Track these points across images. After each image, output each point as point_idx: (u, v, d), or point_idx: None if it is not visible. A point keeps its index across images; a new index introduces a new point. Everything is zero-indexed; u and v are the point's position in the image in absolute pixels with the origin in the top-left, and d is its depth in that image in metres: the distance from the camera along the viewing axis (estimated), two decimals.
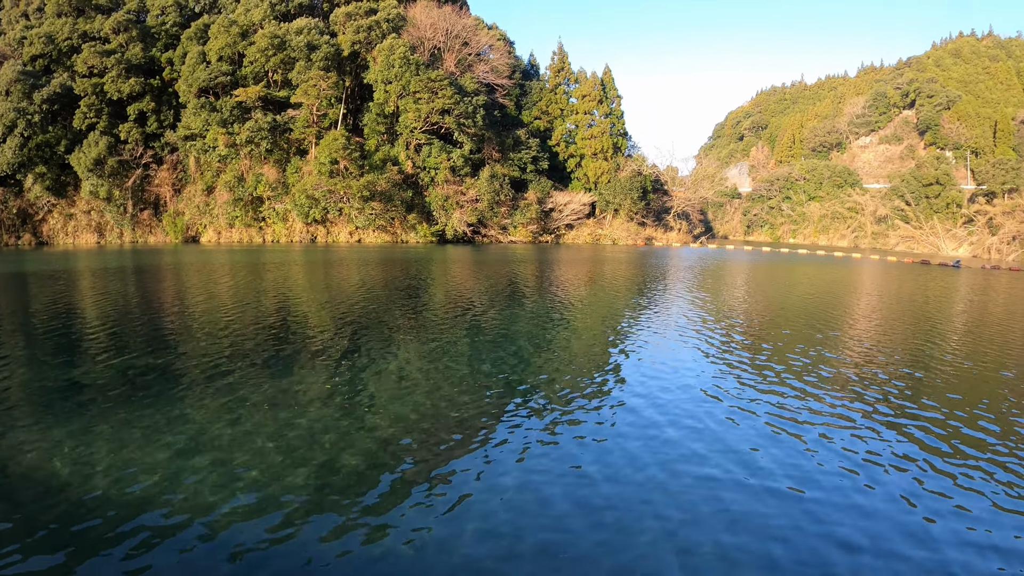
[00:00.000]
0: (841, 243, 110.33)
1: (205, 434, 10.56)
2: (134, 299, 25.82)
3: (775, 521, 8.22)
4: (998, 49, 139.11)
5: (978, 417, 12.67)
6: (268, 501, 8.38)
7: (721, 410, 12.69)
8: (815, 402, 13.37)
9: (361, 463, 9.66)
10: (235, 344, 17.06)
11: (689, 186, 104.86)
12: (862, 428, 11.81)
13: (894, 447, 10.86)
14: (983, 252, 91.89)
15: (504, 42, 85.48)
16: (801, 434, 11.39)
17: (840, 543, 7.74)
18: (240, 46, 68.44)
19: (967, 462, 10.34)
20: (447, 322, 21.50)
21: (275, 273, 36.16)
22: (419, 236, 69.69)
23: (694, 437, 11.13)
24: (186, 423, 11.03)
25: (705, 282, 39.30)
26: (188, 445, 10.08)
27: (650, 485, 9.16)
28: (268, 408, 11.96)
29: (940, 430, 11.83)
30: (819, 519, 8.34)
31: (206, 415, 11.48)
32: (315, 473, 9.25)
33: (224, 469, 9.28)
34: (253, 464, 9.47)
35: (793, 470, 9.83)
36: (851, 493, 9.14)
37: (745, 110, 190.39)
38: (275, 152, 67.26)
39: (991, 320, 28.14)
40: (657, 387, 14.22)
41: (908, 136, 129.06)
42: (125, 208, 64.70)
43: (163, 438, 10.32)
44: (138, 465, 9.31)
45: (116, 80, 64.48)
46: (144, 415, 11.37)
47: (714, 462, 10.04)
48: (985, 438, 11.50)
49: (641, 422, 11.83)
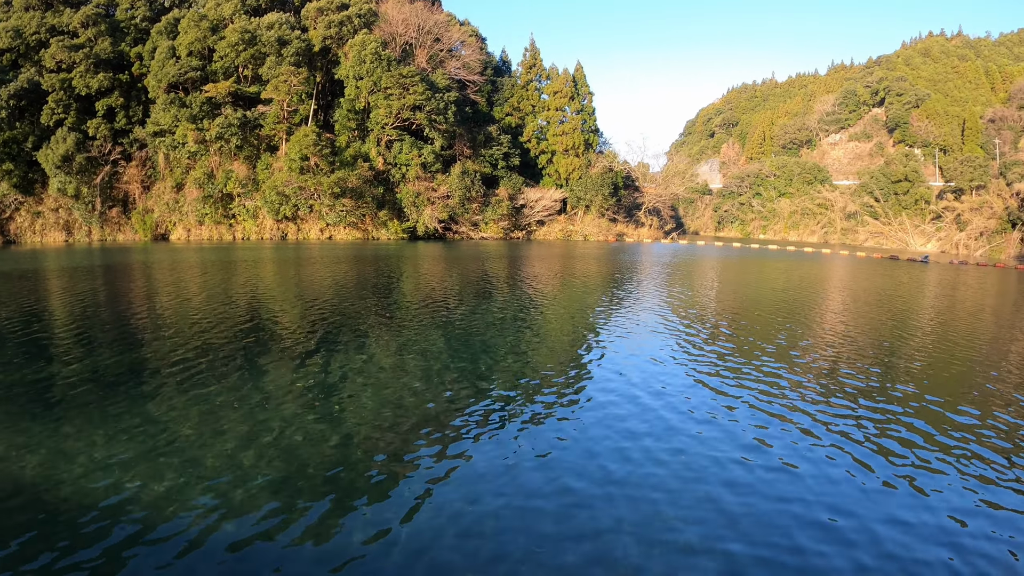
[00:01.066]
0: (811, 239, 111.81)
1: (174, 434, 10.59)
2: (103, 298, 25.64)
3: (742, 511, 8.62)
4: (967, 49, 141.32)
5: (948, 406, 13.48)
6: (238, 501, 8.42)
7: (692, 404, 12.98)
8: (791, 393, 13.98)
9: (331, 461, 9.73)
10: (205, 343, 17.00)
11: (660, 182, 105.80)
12: (837, 419, 12.39)
13: (874, 437, 11.51)
14: (951, 248, 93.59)
15: (476, 38, 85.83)
16: (770, 424, 12.03)
17: (808, 524, 8.33)
18: (210, 41, 68.20)
19: (931, 447, 11.14)
20: (418, 320, 21.62)
21: (245, 271, 36.17)
22: (390, 233, 69.96)
23: (665, 430, 11.45)
24: (155, 423, 11.05)
25: (677, 278, 39.97)
26: (157, 445, 10.09)
27: (622, 479, 9.40)
28: (237, 407, 11.96)
29: (908, 419, 12.60)
30: (788, 499, 8.99)
31: (175, 415, 11.51)
32: (285, 472, 9.32)
33: (193, 469, 9.31)
34: (222, 464, 9.50)
35: (765, 459, 10.32)
36: (828, 483, 9.61)
37: (716, 107, 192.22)
38: (245, 148, 67.14)
39: (960, 314, 29.23)
40: (628, 382, 14.47)
41: (877, 133, 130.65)
42: (93, 206, 64.20)
43: (132, 438, 10.34)
44: (107, 465, 9.32)
45: (84, 75, 63.91)
46: (113, 415, 11.36)
47: (680, 452, 10.41)
48: (961, 421, 12.50)
49: (611, 418, 12.00)
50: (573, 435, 11.07)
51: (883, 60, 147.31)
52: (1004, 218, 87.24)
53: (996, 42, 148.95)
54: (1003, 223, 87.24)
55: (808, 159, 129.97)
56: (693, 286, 35.84)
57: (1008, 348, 20.72)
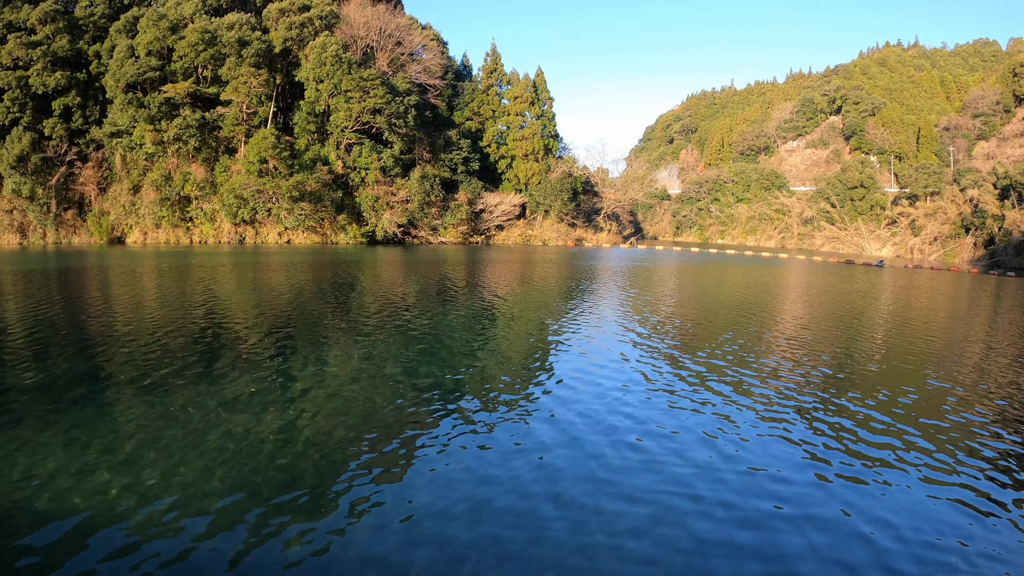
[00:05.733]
0: (768, 243, 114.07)
1: (130, 441, 10.48)
2: (57, 304, 25.09)
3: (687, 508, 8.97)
4: (923, 59, 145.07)
5: (897, 404, 14.31)
6: (191, 507, 8.42)
7: (651, 412, 13.17)
8: (746, 396, 14.46)
9: (286, 468, 9.75)
10: (161, 349, 16.81)
11: (619, 188, 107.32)
12: (793, 419, 12.93)
13: (828, 433, 12.20)
14: (906, 252, 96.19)
15: (438, 42, 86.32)
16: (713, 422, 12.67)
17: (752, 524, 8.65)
18: (170, 40, 67.81)
19: (881, 440, 11.88)
20: (377, 325, 21.63)
21: (202, 276, 35.90)
22: (349, 237, 70.55)
23: (620, 437, 11.62)
24: (111, 430, 10.92)
25: (636, 283, 40.65)
26: (113, 452, 10.00)
27: (574, 484, 9.57)
28: (193, 413, 11.88)
29: (860, 414, 13.45)
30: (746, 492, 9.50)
31: (131, 422, 11.35)
32: (239, 479, 9.29)
33: (149, 476, 9.25)
34: (177, 471, 9.46)
35: (717, 461, 10.69)
36: (768, 480, 9.99)
37: (676, 113, 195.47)
38: (203, 150, 67.05)
39: (914, 316, 30.73)
40: (586, 388, 14.67)
41: (834, 141, 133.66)
42: (49, 208, 63.60)
43: (88, 446, 10.22)
44: (61, 473, 9.22)
45: (42, 73, 63.30)
46: (67, 422, 11.20)
47: (632, 459, 10.58)
48: (907, 415, 13.41)
49: (569, 426, 12.16)
50: (528, 441, 11.25)
51: (840, 69, 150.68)
52: (958, 223, 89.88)
53: (952, 52, 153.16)
54: (957, 228, 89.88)
55: (766, 165, 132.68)
56: (653, 291, 36.54)
57: (961, 347, 22.14)
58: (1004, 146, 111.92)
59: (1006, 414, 13.96)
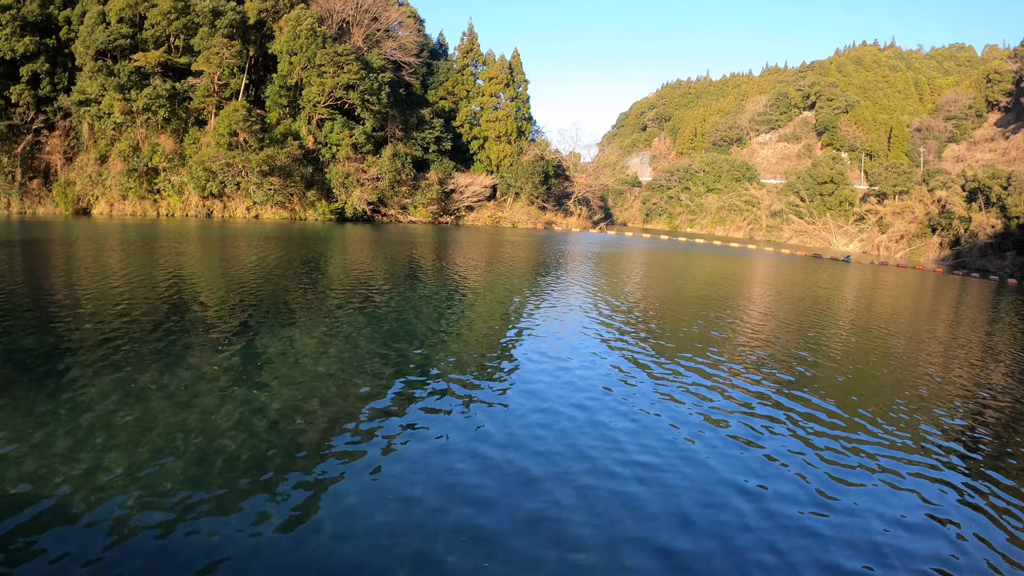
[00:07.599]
0: (737, 234, 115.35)
1: (91, 419, 10.39)
2: (20, 277, 24.59)
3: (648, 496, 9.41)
4: (899, 60, 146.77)
5: (860, 398, 15.07)
6: (157, 486, 8.44)
7: (613, 397, 13.63)
8: (714, 389, 14.98)
9: (252, 446, 9.79)
10: (125, 326, 16.57)
11: (591, 173, 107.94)
12: (756, 411, 13.51)
13: (794, 427, 12.81)
14: (872, 249, 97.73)
15: (414, 19, 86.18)
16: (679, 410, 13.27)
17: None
18: (142, 7, 66.94)
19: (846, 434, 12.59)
20: (344, 304, 21.74)
21: (169, 250, 35.50)
22: (318, 214, 70.62)
23: (585, 420, 12.06)
24: (72, 408, 10.81)
25: (605, 268, 41.44)
26: (74, 431, 9.92)
27: (543, 466, 9.94)
28: (158, 391, 11.82)
29: (826, 407, 14.13)
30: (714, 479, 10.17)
31: (93, 400, 11.23)
32: (205, 457, 9.33)
33: (111, 454, 9.21)
34: (141, 449, 9.41)
35: (671, 447, 11.24)
36: (744, 470, 10.59)
37: (650, 101, 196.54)
38: (173, 121, 66.58)
39: (879, 310, 32.20)
40: (551, 371, 15.15)
41: (806, 136, 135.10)
42: (14, 176, 62.63)
43: (48, 424, 10.11)
44: (19, 453, 9.10)
45: (10, 38, 62.26)
46: (28, 400, 11.08)
47: (596, 446, 10.94)
48: (870, 414, 13.96)
49: (534, 406, 12.55)
50: (496, 421, 11.57)
51: (816, 65, 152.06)
52: (925, 223, 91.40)
53: (927, 55, 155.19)
54: (923, 228, 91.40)
55: (738, 157, 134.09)
56: (621, 277, 37.41)
57: (923, 341, 23.42)
58: (974, 149, 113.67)
59: (955, 400, 15.36)
